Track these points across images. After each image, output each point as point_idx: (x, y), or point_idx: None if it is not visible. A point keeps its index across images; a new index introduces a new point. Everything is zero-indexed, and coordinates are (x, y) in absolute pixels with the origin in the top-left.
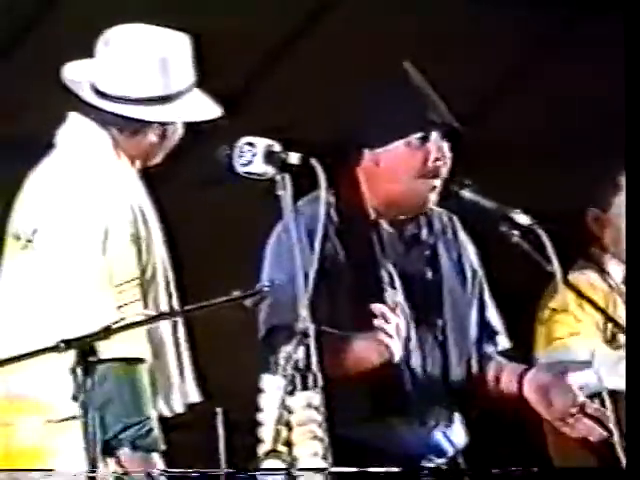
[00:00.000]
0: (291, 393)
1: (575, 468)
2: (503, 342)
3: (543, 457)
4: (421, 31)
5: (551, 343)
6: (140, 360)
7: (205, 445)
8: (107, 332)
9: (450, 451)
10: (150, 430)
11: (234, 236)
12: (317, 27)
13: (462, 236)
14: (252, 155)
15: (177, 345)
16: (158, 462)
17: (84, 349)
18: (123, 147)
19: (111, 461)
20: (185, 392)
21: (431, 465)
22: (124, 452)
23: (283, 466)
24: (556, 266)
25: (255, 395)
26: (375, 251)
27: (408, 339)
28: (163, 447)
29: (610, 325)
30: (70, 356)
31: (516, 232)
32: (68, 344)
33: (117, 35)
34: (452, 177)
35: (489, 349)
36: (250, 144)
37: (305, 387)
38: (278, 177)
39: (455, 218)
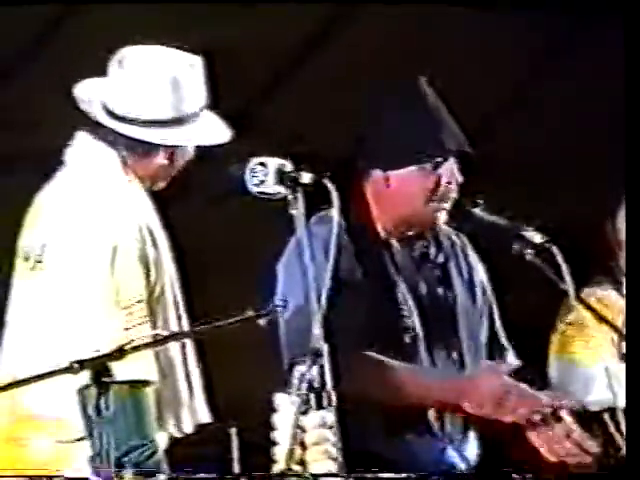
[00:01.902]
0: (305, 412)
1: (575, 473)
2: (512, 360)
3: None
4: (433, 49)
5: (563, 356)
6: (145, 382)
7: (219, 464)
8: (121, 352)
9: (463, 468)
10: (153, 453)
11: (245, 255)
12: (329, 46)
13: (472, 255)
14: (264, 175)
15: (186, 365)
16: None
17: (98, 369)
18: (132, 167)
19: None
20: (195, 412)
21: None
22: (127, 474)
23: None
24: (569, 283)
25: (269, 414)
26: (388, 270)
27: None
28: (166, 470)
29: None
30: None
31: (529, 250)
32: (82, 365)
33: (130, 56)
34: (465, 196)
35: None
36: (262, 164)
37: (319, 406)
38: (290, 196)
39: (464, 237)
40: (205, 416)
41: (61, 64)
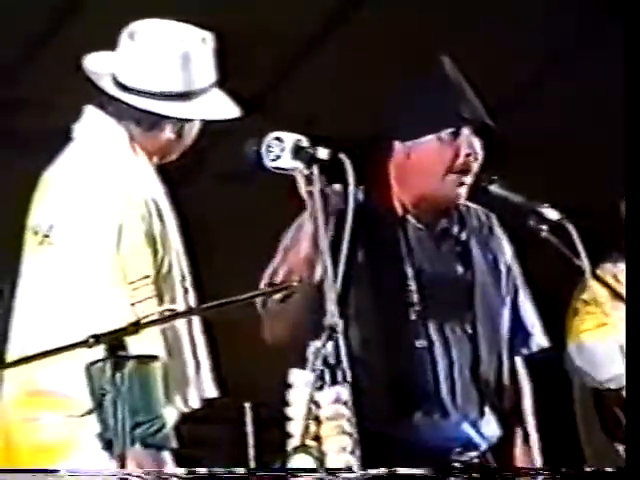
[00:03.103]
0: (320, 388)
1: (575, 468)
2: (541, 341)
3: (575, 453)
4: (452, 23)
5: (581, 334)
6: (153, 357)
7: (234, 440)
8: (136, 327)
9: (482, 444)
10: (161, 428)
11: (256, 231)
12: (348, 19)
13: (499, 233)
14: (280, 150)
15: (193, 340)
16: (169, 460)
17: (113, 344)
18: (140, 142)
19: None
20: (202, 387)
21: (461, 460)
22: (135, 450)
23: (312, 461)
24: (585, 260)
25: (284, 390)
26: (401, 246)
27: (438, 332)
28: (174, 445)
29: None
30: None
31: (544, 227)
32: (97, 339)
33: (142, 29)
34: (481, 172)
35: (523, 350)
36: (278, 139)
37: (334, 382)
38: (307, 172)
39: (493, 215)
40: (212, 391)
41: (73, 43)
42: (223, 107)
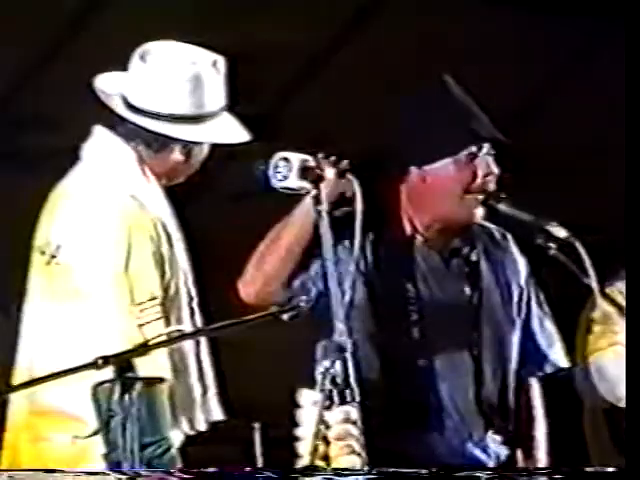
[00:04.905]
0: (329, 408)
1: (575, 468)
2: (559, 362)
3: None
4: (455, 44)
5: (590, 353)
6: (159, 379)
7: (242, 460)
8: (145, 348)
9: (490, 463)
10: (167, 450)
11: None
12: (353, 46)
13: (515, 254)
14: (288, 170)
15: (200, 362)
16: None
17: (121, 365)
18: (148, 163)
19: None
20: (208, 410)
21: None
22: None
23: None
24: (593, 278)
25: (292, 410)
26: (407, 265)
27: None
28: (180, 467)
29: None
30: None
31: (553, 245)
32: (106, 360)
33: (153, 50)
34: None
35: (537, 372)
36: (286, 159)
37: (343, 402)
38: (314, 192)
39: (509, 235)
40: (218, 414)
41: (82, 61)
42: (233, 131)
